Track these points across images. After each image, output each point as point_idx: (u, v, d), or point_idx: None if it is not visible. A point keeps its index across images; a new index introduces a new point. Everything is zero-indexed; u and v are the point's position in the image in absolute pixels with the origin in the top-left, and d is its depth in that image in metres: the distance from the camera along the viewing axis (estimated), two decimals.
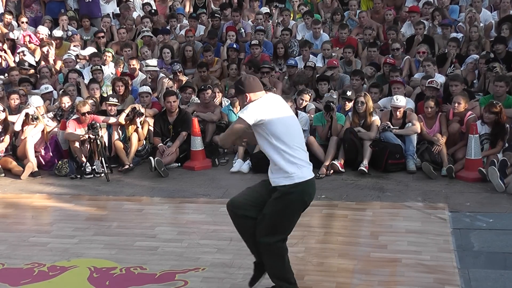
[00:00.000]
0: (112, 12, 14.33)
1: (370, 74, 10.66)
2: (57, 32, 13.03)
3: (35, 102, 9.90)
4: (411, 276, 5.42)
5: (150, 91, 10.34)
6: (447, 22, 11.52)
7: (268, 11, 13.46)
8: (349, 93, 9.22)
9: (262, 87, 4.86)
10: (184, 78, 11.20)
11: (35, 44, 12.80)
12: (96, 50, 12.34)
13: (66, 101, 9.97)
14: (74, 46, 12.60)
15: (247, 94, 4.73)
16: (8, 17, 13.62)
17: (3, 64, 12.28)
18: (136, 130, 9.44)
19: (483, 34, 11.37)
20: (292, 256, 5.81)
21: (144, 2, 14.44)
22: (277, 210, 4.65)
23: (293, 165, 4.63)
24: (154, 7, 14.22)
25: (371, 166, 8.62)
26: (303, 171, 4.68)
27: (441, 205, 7.24)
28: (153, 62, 11.41)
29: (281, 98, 4.93)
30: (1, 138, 9.47)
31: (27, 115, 9.37)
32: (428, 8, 12.50)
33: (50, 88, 10.76)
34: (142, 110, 9.53)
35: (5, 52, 12.49)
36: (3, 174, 9.23)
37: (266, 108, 4.65)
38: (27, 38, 12.93)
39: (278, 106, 4.76)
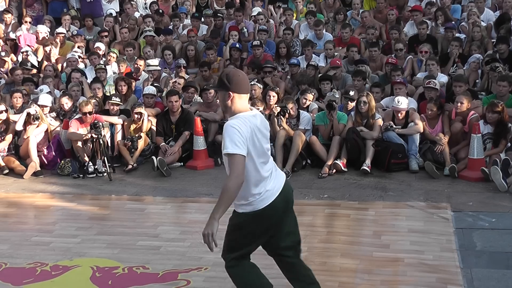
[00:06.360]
0: (115, 10, 14.32)
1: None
2: (61, 29, 13.02)
3: (43, 101, 9.89)
4: (414, 275, 5.42)
5: (155, 92, 10.26)
6: (451, 26, 11.48)
7: (260, 10, 13.40)
8: (351, 93, 9.22)
9: (249, 89, 4.39)
10: (185, 76, 11.20)
11: (31, 46, 12.77)
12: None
13: (65, 102, 9.98)
14: (78, 47, 12.58)
15: (231, 92, 4.16)
16: (7, 16, 13.59)
17: (5, 66, 12.24)
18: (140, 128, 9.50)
19: (485, 34, 11.35)
20: None
21: (151, 1, 14.42)
22: None
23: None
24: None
25: (374, 165, 8.62)
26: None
27: (443, 204, 7.24)
28: (154, 62, 11.40)
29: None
30: (3, 137, 9.48)
31: (28, 114, 9.38)
32: (430, 8, 12.48)
33: (46, 89, 10.71)
34: (140, 143, 9.43)
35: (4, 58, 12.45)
36: (7, 171, 9.24)
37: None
38: (27, 39, 12.94)
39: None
